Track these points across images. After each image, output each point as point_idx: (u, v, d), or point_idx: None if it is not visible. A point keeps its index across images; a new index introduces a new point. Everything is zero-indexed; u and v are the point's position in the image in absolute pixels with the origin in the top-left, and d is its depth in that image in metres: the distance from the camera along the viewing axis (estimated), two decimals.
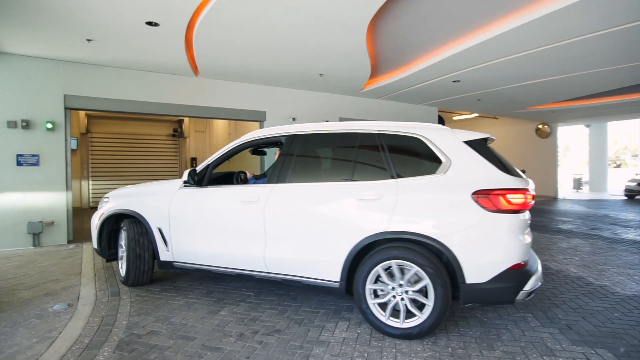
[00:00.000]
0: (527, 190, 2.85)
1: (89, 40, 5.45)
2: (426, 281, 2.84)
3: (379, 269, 2.98)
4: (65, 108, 6.49)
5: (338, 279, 3.14)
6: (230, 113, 8.10)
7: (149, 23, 4.87)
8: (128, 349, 2.77)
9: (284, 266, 3.40)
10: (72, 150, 11.17)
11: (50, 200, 6.39)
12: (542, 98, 10.23)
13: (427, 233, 2.86)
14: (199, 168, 3.91)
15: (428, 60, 7.04)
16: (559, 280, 4.42)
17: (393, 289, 2.98)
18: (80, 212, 10.39)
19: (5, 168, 6.06)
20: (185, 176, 3.83)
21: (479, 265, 2.78)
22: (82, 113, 11.45)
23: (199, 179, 3.85)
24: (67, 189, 6.56)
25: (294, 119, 8.82)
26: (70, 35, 5.29)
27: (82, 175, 11.73)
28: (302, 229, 3.29)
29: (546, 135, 14.87)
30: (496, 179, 2.85)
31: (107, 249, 4.42)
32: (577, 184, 17.16)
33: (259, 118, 8.44)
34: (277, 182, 3.49)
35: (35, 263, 5.16)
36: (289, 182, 3.44)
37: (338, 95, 9.54)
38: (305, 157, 3.54)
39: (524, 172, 3.60)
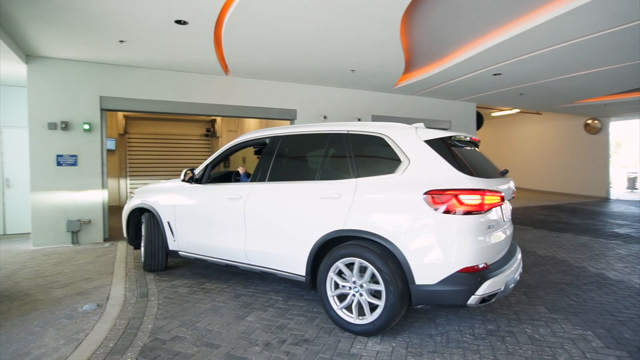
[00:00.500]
0: (484, 191, 2.73)
1: (121, 41, 5.50)
2: (378, 278, 2.86)
3: (338, 264, 3.07)
4: (101, 109, 6.63)
5: (304, 273, 3.30)
6: (260, 112, 8.02)
7: (178, 22, 4.83)
8: (151, 356, 2.67)
9: (261, 259, 3.63)
10: (111, 151, 11.58)
11: (88, 199, 6.55)
12: (593, 90, 9.43)
13: (378, 232, 2.89)
14: (200, 167, 4.30)
15: (467, 52, 6.61)
16: (621, 292, 3.94)
17: (353, 283, 3.03)
18: (118, 211, 10.69)
19: (46, 168, 6.27)
20: (182, 175, 4.32)
21: (428, 267, 2.75)
22: (120, 115, 11.82)
23: (199, 177, 4.25)
24: (103, 188, 6.71)
25: (325, 117, 8.62)
26: (104, 37, 5.36)
27: (120, 175, 12.12)
28: (274, 225, 3.50)
29: (596, 131, 13.80)
30: (451, 178, 2.79)
31: (134, 238, 5.06)
32: (632, 184, 15.84)
33: (290, 116, 8.31)
34: (258, 180, 3.74)
35: (71, 261, 5.27)
36: (266, 181, 3.67)
37: (370, 92, 9.25)
38: (282, 157, 3.75)
39: (505, 172, 3.46)
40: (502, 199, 2.85)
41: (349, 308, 3.05)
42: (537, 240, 6.61)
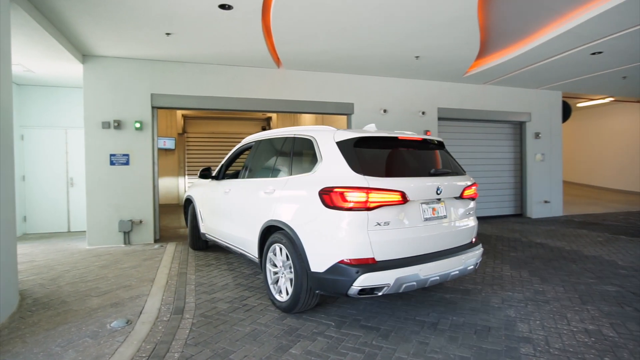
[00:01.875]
0: (369, 189, 2.87)
1: (167, 34, 5.21)
2: (290, 257, 3.27)
3: (270, 255, 3.58)
4: (152, 107, 6.48)
5: (257, 256, 3.83)
6: (315, 106, 7.44)
7: (222, 6, 4.37)
8: None
9: (239, 242, 4.32)
10: (171, 150, 11.77)
11: (139, 199, 6.43)
12: None
13: (288, 222, 3.31)
14: (218, 167, 5.22)
15: (559, 26, 5.46)
16: None
17: (280, 267, 3.49)
18: (177, 209, 10.78)
19: (101, 168, 6.24)
20: (199, 173, 5.26)
21: (317, 256, 3.04)
22: (179, 114, 11.97)
23: (216, 175, 5.14)
24: (154, 188, 6.56)
25: (385, 111, 7.83)
26: (150, 30, 5.10)
27: (179, 173, 12.30)
28: (243, 214, 4.19)
29: None
30: (344, 177, 2.98)
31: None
32: None
33: (347, 111, 7.64)
34: (239, 177, 4.57)
35: (118, 264, 5.09)
36: (244, 178, 4.45)
37: (436, 82, 8.27)
38: (254, 158, 4.44)
39: (436, 172, 3.34)
40: (404, 197, 2.97)
41: (276, 284, 3.56)
42: None
